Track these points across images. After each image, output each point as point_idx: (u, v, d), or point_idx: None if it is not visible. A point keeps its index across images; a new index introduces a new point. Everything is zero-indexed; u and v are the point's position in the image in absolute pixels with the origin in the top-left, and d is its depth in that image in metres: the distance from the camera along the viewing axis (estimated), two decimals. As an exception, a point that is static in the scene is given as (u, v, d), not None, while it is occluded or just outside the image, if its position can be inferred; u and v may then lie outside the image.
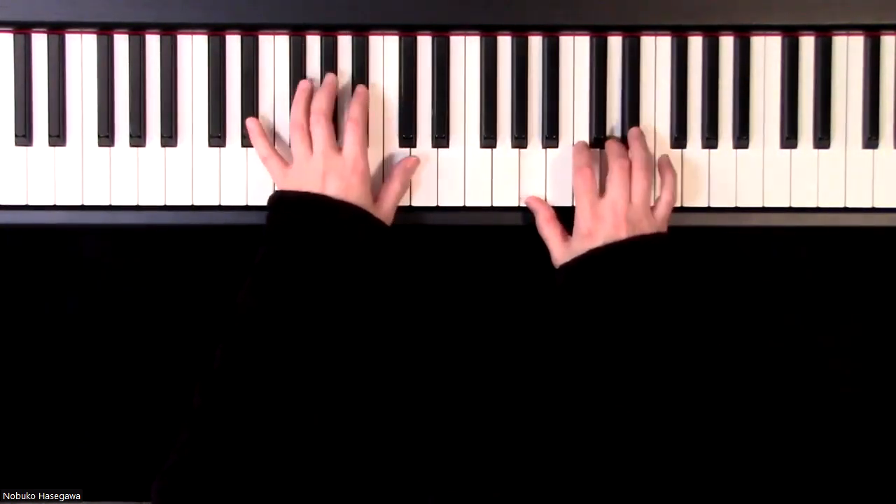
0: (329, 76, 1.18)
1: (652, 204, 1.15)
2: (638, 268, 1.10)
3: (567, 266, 1.13)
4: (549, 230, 1.16)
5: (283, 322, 1.06)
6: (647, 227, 1.12)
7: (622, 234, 1.11)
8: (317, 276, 1.08)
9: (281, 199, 1.13)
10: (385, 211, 1.15)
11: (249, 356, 1.06)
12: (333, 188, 1.12)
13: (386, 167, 1.20)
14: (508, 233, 1.19)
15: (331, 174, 1.12)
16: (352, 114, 1.15)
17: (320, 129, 1.14)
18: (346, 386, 1.07)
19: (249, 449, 1.02)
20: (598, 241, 1.12)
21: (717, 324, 1.28)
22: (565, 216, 1.17)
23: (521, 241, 1.18)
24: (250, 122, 1.18)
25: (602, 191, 1.14)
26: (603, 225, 1.12)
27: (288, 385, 1.05)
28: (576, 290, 1.12)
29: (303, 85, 1.17)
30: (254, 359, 1.05)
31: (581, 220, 1.14)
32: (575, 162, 1.16)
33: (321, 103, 1.15)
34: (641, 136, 1.17)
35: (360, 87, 1.17)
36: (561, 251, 1.14)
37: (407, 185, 1.17)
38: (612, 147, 1.16)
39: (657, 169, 1.17)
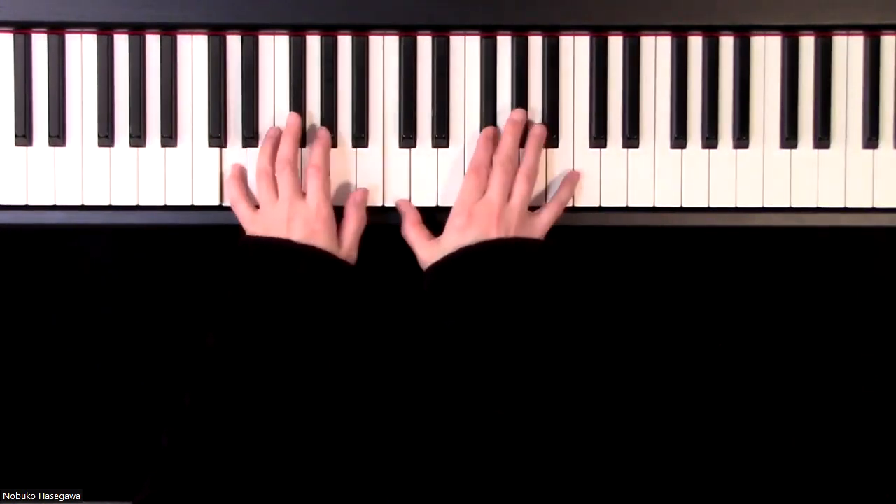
0: (292, 116, 1.17)
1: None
2: (503, 269, 1.10)
3: (436, 265, 1.13)
4: (413, 233, 1.16)
5: (251, 368, 1.07)
6: (521, 232, 1.13)
7: (493, 235, 1.12)
8: (283, 321, 1.09)
9: (246, 245, 1.13)
10: (347, 249, 1.15)
11: (218, 402, 1.06)
12: (298, 233, 1.12)
13: (386, 168, 1.20)
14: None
15: (295, 220, 1.12)
16: (312, 160, 1.15)
17: (285, 176, 1.14)
18: (312, 426, 1.08)
19: (214, 490, 1.03)
20: (468, 238, 1.12)
21: (714, 323, 1.28)
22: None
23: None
24: (234, 166, 1.18)
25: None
26: (476, 223, 1.12)
27: (254, 432, 1.05)
28: (442, 287, 1.12)
29: (270, 132, 1.17)
30: (222, 404, 1.06)
31: (456, 216, 1.14)
32: (475, 158, 1.16)
33: (286, 151, 1.15)
34: (541, 139, 1.17)
35: (321, 131, 1.17)
36: (428, 251, 1.15)
37: (363, 219, 1.17)
38: (502, 148, 1.16)
39: (562, 181, 1.18)
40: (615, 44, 1.20)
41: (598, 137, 1.19)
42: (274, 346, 1.08)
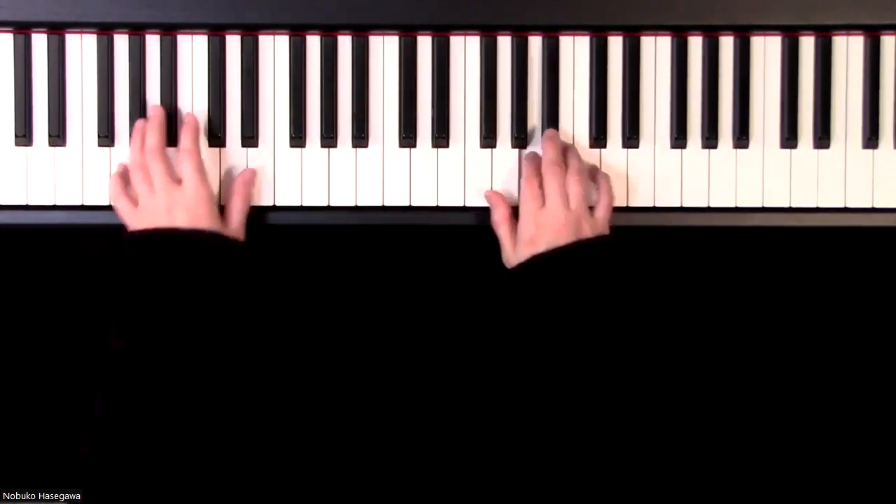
0: (154, 108, 1.18)
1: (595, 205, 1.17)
2: (579, 271, 1.11)
3: (513, 271, 1.14)
4: (502, 230, 1.16)
5: (155, 357, 1.07)
6: (588, 231, 1.13)
7: (563, 240, 1.12)
8: (180, 306, 1.09)
9: (132, 239, 1.13)
10: (234, 228, 1.15)
11: (128, 397, 1.06)
12: (181, 220, 1.12)
13: (385, 167, 1.20)
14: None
15: (176, 207, 1.12)
16: (183, 144, 1.16)
17: (156, 165, 1.14)
18: (227, 403, 1.08)
19: (141, 489, 1.03)
20: (540, 247, 1.12)
21: (714, 323, 1.28)
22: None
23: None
24: (120, 165, 1.18)
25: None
26: (544, 232, 1.13)
27: (170, 418, 1.06)
28: (521, 295, 1.13)
29: (138, 125, 1.17)
30: (133, 399, 1.06)
31: (524, 228, 1.14)
32: (525, 170, 1.17)
33: (152, 141, 1.15)
34: (572, 146, 1.18)
35: (187, 116, 1.18)
36: (510, 253, 1.15)
37: (249, 198, 1.17)
38: (546, 154, 1.16)
39: (597, 178, 1.18)
40: (615, 44, 1.20)
41: (598, 137, 1.19)
42: (176, 331, 1.08)
